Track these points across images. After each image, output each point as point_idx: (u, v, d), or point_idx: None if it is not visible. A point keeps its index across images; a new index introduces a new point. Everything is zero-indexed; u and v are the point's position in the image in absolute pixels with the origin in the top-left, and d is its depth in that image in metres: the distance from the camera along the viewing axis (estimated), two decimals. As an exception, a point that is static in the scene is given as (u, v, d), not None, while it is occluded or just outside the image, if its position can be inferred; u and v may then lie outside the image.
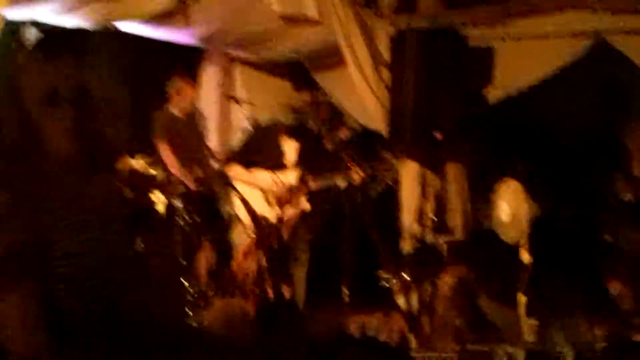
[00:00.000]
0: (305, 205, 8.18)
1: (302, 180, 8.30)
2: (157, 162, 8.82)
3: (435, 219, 9.04)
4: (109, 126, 9.03)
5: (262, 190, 8.28)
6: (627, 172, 9.55)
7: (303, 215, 8.15)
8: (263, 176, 8.28)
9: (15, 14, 7.47)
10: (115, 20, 8.21)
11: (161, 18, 8.31)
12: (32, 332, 2.53)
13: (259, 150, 8.47)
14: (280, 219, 8.06)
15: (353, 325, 8.42)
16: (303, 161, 8.42)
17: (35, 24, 8.54)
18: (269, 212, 8.14)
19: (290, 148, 8.42)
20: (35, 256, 2.54)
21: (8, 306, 2.48)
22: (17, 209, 2.50)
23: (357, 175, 8.00)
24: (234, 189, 8.40)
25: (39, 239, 2.51)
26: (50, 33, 8.55)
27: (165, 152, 9.16)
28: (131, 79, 9.82)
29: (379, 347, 7.02)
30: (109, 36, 8.69)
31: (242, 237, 8.56)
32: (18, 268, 2.61)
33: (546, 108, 9.76)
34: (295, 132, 8.49)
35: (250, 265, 8.41)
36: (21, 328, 2.51)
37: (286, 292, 7.89)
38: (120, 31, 8.55)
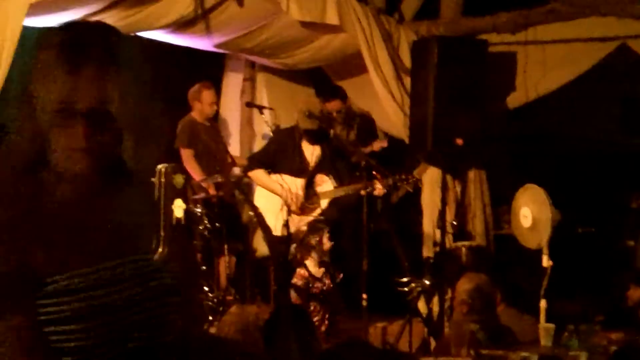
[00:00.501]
0: (319, 212, 8.19)
1: (317, 188, 8.31)
2: (179, 169, 8.87)
3: (456, 225, 9.05)
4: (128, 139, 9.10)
5: (280, 195, 8.28)
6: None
7: (321, 222, 8.14)
8: (283, 182, 8.29)
9: (34, 21, 7.52)
10: (135, 29, 8.25)
11: (181, 26, 8.35)
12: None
13: (279, 156, 8.47)
14: (289, 227, 8.06)
15: (373, 332, 8.46)
16: (324, 168, 8.42)
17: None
18: (286, 219, 8.14)
19: (310, 154, 8.43)
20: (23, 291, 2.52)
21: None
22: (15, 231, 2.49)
23: (379, 185, 7.99)
24: (247, 197, 8.44)
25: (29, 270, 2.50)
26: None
27: (187, 159, 9.23)
28: (154, 87, 9.92)
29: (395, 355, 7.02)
30: (130, 42, 8.75)
31: (261, 243, 8.60)
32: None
33: (567, 115, 9.76)
34: (316, 138, 8.48)
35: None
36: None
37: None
38: (142, 38, 8.59)
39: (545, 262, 7.38)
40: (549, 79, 9.36)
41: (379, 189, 8.04)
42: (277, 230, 8.11)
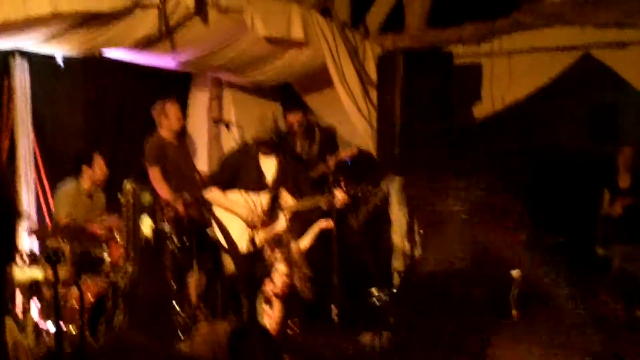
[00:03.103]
0: (283, 226, 8.15)
1: (280, 201, 8.27)
2: (147, 187, 8.84)
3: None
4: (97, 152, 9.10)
5: (240, 214, 8.25)
6: (614, 187, 9.59)
7: (282, 237, 8.09)
8: (239, 199, 8.25)
9: (0, 44, 7.52)
10: (100, 47, 8.23)
11: (146, 44, 8.33)
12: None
13: (235, 174, 8.42)
14: (255, 243, 8.04)
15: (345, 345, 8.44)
16: (284, 182, 8.38)
17: (22, 53, 8.62)
18: (247, 236, 8.11)
19: (269, 168, 8.39)
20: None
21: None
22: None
23: (340, 195, 7.96)
24: (213, 214, 8.40)
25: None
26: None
27: (155, 177, 9.20)
28: (120, 105, 9.91)
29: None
30: (92, 63, 8.75)
31: (229, 260, 8.56)
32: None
33: (534, 125, 9.80)
34: (271, 149, 8.42)
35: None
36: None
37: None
38: (105, 58, 8.58)
39: (515, 272, 7.41)
40: (515, 88, 9.41)
41: (339, 200, 7.99)
42: (243, 246, 8.10)
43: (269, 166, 8.37)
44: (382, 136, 9.00)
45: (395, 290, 8.25)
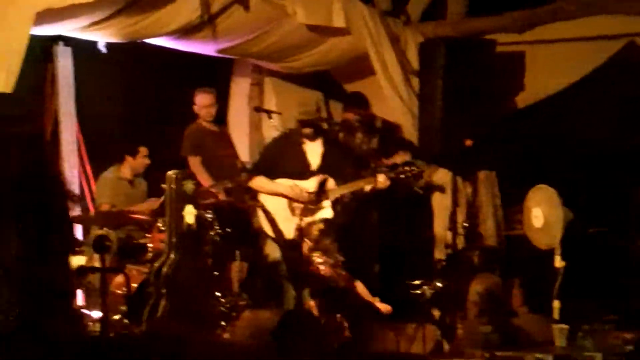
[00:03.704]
0: (328, 213, 8.14)
1: (326, 187, 8.26)
2: (189, 175, 8.85)
3: (467, 226, 9.02)
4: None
5: (286, 200, 8.24)
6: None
7: (327, 223, 8.09)
8: (285, 186, 8.25)
9: (42, 30, 7.53)
10: (141, 36, 8.25)
11: (188, 32, 8.35)
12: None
13: (281, 159, 8.43)
14: (301, 229, 8.02)
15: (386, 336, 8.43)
16: (327, 168, 8.36)
17: (65, 40, 8.65)
18: (292, 223, 8.10)
19: (313, 155, 8.38)
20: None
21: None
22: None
23: (381, 177, 7.95)
24: (258, 201, 8.42)
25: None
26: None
27: (195, 165, 9.22)
28: (162, 93, 9.92)
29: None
30: (134, 50, 8.77)
31: (274, 248, 8.56)
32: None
33: (576, 113, 9.70)
34: (314, 135, 8.41)
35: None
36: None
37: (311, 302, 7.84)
38: (147, 44, 8.59)
39: (558, 262, 7.36)
40: (557, 78, 9.33)
41: (381, 181, 8.00)
42: (288, 234, 8.10)
43: (313, 152, 8.36)
44: (424, 125, 8.96)
45: (439, 284, 8.19)
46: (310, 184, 8.19)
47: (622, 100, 9.60)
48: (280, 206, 8.27)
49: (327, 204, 8.18)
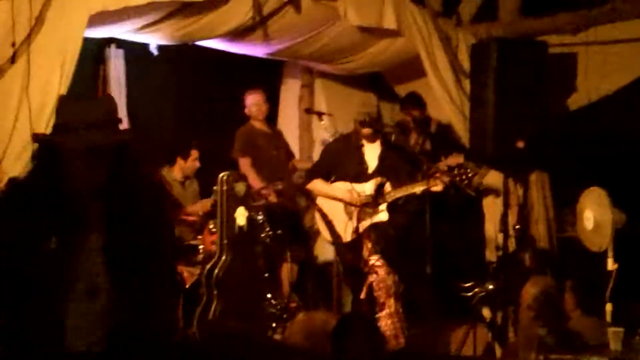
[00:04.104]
0: (385, 216, 8.12)
1: (382, 190, 8.22)
2: (241, 177, 8.87)
3: (519, 228, 8.95)
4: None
5: (344, 199, 8.22)
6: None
7: (384, 225, 8.08)
8: (342, 189, 8.22)
9: (95, 32, 7.58)
10: (194, 38, 8.29)
11: (240, 33, 8.37)
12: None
13: (339, 161, 8.42)
14: (359, 232, 8.01)
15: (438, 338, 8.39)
16: (385, 170, 8.34)
17: (117, 42, 8.71)
18: (350, 226, 8.09)
19: (371, 157, 8.35)
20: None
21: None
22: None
23: (438, 183, 7.92)
24: (313, 202, 8.42)
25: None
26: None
27: (246, 167, 9.23)
28: (213, 95, 9.96)
29: None
30: (186, 52, 8.81)
31: (324, 250, 8.58)
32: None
33: (629, 114, 9.60)
34: (380, 139, 8.40)
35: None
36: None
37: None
38: (199, 46, 8.62)
39: (610, 265, 7.30)
40: (611, 80, 9.25)
41: (436, 185, 7.96)
42: (346, 236, 8.08)
43: (372, 154, 8.34)
44: (475, 127, 8.91)
45: (491, 286, 8.15)
46: (368, 187, 8.16)
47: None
48: (337, 209, 8.24)
49: (383, 207, 8.15)
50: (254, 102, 9.51)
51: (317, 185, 8.40)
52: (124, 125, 8.93)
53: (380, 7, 8.83)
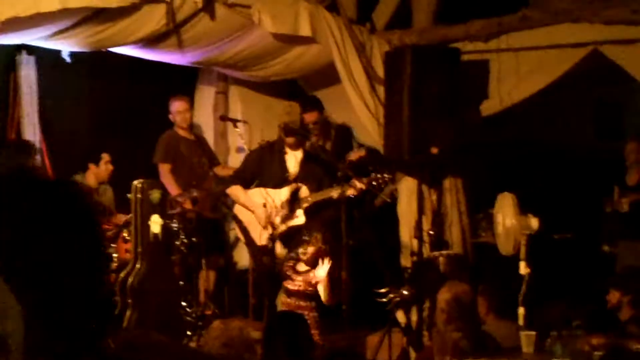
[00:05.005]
0: (301, 221, 8.16)
1: (297, 195, 8.27)
2: (156, 184, 8.82)
3: (433, 234, 9.02)
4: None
5: (257, 214, 8.24)
6: (622, 184, 9.56)
7: (299, 230, 8.11)
8: (259, 198, 8.24)
9: (6, 39, 7.48)
10: (106, 45, 8.21)
11: (153, 41, 8.32)
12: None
13: (258, 170, 8.44)
14: (274, 237, 8.03)
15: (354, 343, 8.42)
16: (304, 176, 8.38)
17: (28, 49, 8.60)
18: (265, 231, 8.11)
19: (293, 163, 8.40)
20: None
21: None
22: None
23: (353, 188, 7.98)
24: (230, 210, 8.42)
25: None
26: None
27: (164, 174, 9.19)
28: (126, 101, 9.89)
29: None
30: (99, 59, 8.74)
31: (243, 256, 8.57)
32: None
33: (542, 120, 9.76)
34: (298, 145, 8.45)
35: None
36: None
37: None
38: (112, 53, 8.55)
39: (523, 269, 7.39)
40: (523, 86, 9.34)
41: (351, 190, 8.04)
42: (261, 240, 8.10)
43: (293, 161, 8.39)
44: (390, 133, 8.96)
45: (405, 292, 8.21)
46: (283, 193, 8.20)
47: (588, 107, 9.66)
48: (251, 216, 8.26)
49: (300, 212, 8.19)
50: (178, 109, 9.49)
51: (234, 191, 8.43)
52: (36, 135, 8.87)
53: (295, 14, 8.85)
